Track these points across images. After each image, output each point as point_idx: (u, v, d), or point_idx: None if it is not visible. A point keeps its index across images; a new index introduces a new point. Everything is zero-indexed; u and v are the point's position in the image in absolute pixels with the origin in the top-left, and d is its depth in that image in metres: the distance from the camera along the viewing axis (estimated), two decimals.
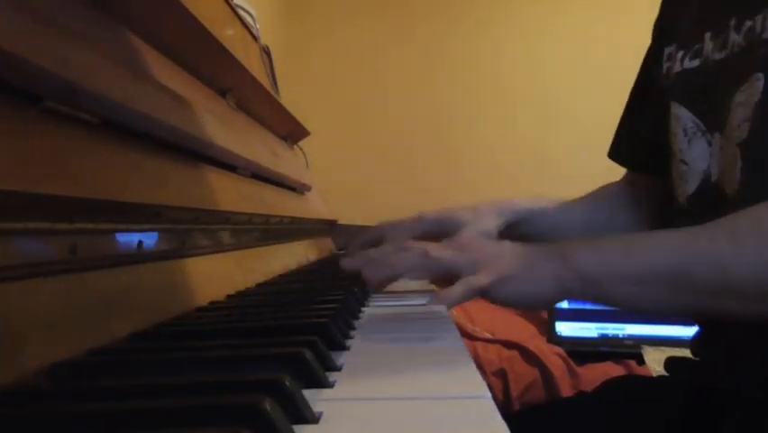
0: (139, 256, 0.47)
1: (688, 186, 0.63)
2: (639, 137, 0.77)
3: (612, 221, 0.80)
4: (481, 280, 0.53)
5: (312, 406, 0.27)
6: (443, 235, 0.71)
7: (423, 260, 0.56)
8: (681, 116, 0.64)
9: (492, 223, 0.77)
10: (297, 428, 0.25)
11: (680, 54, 0.66)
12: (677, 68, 0.66)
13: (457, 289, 0.54)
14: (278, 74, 1.56)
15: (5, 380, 0.30)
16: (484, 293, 0.53)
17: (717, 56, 0.60)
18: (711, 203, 0.59)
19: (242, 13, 1.16)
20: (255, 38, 1.28)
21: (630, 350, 1.44)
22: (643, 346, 1.42)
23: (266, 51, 1.41)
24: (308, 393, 0.29)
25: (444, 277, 0.58)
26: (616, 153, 0.81)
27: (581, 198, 0.84)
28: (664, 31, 0.71)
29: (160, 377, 0.31)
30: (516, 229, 0.79)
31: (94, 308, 0.39)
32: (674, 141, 0.65)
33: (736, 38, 0.57)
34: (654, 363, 1.34)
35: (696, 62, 0.63)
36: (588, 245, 0.54)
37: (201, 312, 0.53)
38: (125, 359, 0.36)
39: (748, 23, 0.56)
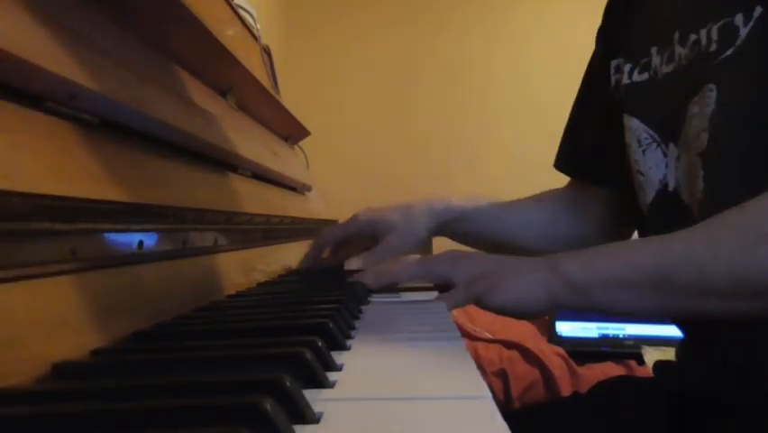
0: (139, 256, 0.47)
1: (646, 195, 0.64)
2: (584, 147, 0.78)
3: (555, 222, 0.81)
4: (475, 288, 0.55)
5: (312, 406, 0.27)
6: (375, 236, 0.76)
7: (420, 269, 0.60)
8: (635, 128, 0.65)
9: (423, 224, 0.78)
10: (297, 428, 0.25)
11: (627, 67, 0.67)
12: (625, 80, 0.67)
13: (453, 295, 0.56)
14: (279, 74, 1.56)
15: (6, 380, 0.30)
16: (478, 301, 0.56)
17: (666, 69, 0.61)
18: (671, 211, 0.61)
19: (242, 13, 1.16)
20: (255, 38, 1.28)
21: (630, 350, 1.44)
22: (643, 346, 1.42)
23: (266, 51, 1.41)
24: (309, 393, 0.29)
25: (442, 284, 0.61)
26: (561, 163, 0.81)
27: (522, 199, 0.85)
28: (609, 44, 0.71)
29: (160, 377, 0.31)
30: (452, 227, 0.81)
31: (94, 308, 0.39)
32: (629, 152, 0.66)
33: (681, 51, 0.59)
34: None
35: (645, 76, 0.64)
36: (574, 255, 0.55)
37: (201, 312, 0.53)
38: (126, 359, 0.36)
39: (693, 37, 0.57)
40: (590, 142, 0.77)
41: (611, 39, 0.71)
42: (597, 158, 0.76)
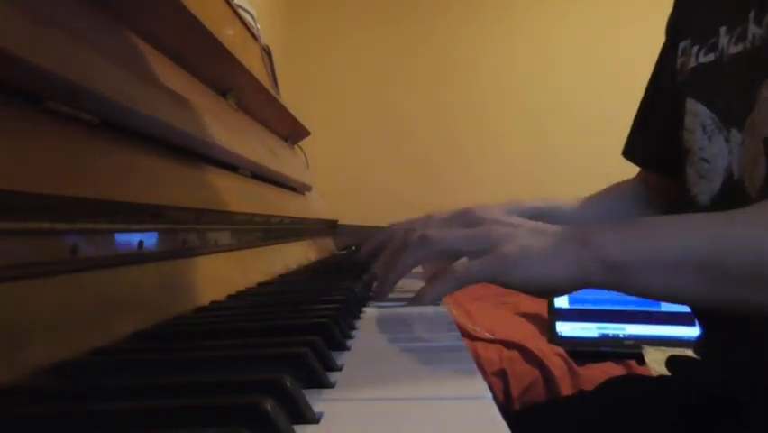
0: (139, 256, 0.47)
1: (712, 184, 0.60)
2: (653, 136, 0.76)
3: (629, 217, 0.79)
4: (487, 263, 0.49)
5: (312, 406, 0.27)
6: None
7: (422, 247, 0.53)
8: (699, 113, 0.62)
9: None
10: (297, 428, 0.25)
11: (694, 49, 0.64)
12: (692, 63, 0.64)
13: (449, 278, 0.50)
14: (279, 74, 1.56)
15: (5, 380, 0.30)
16: (491, 278, 0.49)
17: (734, 49, 0.58)
18: (736, 201, 0.57)
19: (242, 13, 1.16)
20: (255, 38, 1.28)
21: (630, 350, 1.44)
22: (643, 346, 1.42)
23: (266, 51, 1.41)
24: (309, 393, 0.29)
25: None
26: (630, 152, 0.80)
27: (593, 196, 0.83)
28: (678, 27, 0.70)
29: (160, 377, 0.31)
30: None
31: (94, 308, 0.39)
32: (692, 138, 0.63)
33: (756, 30, 0.55)
34: (654, 363, 1.33)
35: (711, 57, 0.61)
36: (614, 229, 0.49)
37: (201, 312, 0.53)
38: (125, 359, 0.36)
39: None
40: (660, 132, 0.74)
41: (680, 24, 0.69)
42: (666, 149, 0.72)
